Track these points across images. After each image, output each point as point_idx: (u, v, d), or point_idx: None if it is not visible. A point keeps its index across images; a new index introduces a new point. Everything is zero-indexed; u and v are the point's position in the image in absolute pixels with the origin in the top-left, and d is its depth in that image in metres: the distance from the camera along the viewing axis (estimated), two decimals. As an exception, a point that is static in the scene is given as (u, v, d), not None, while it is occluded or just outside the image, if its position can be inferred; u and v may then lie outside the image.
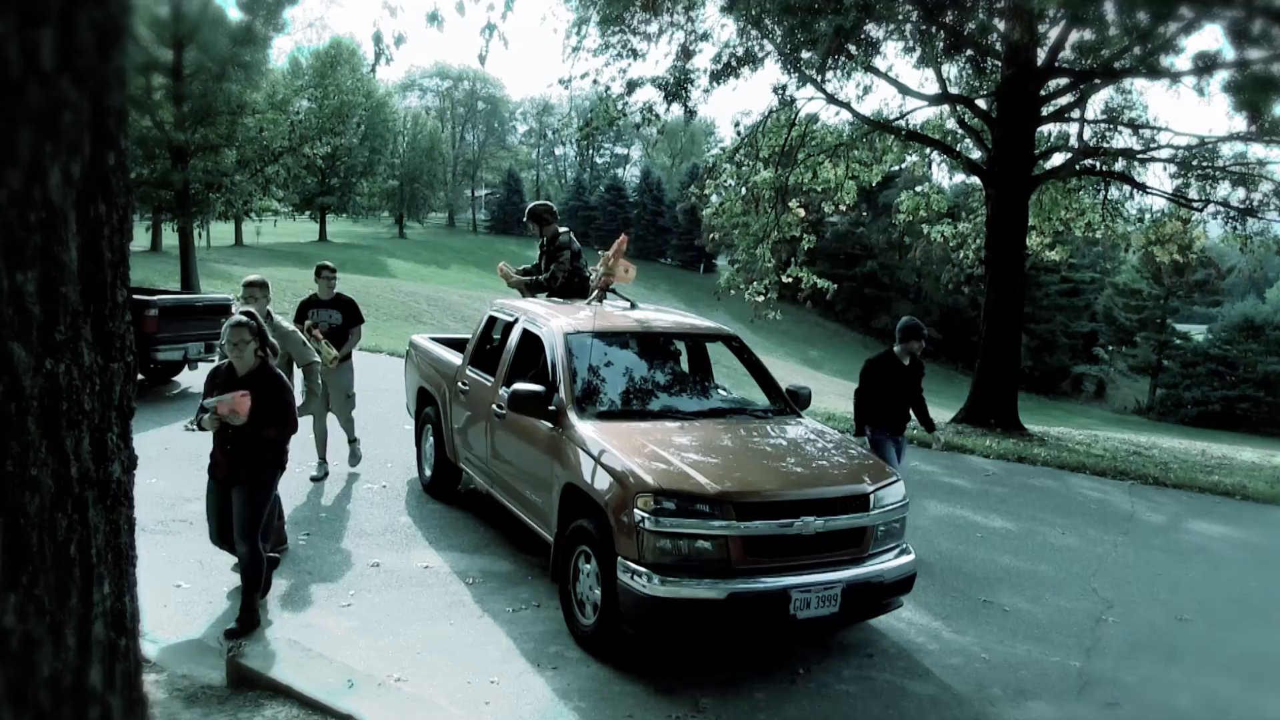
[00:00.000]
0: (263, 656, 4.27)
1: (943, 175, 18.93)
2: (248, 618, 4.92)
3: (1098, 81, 13.59)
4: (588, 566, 4.96)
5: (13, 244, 1.16)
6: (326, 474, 7.88)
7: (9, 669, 1.18)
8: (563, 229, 8.20)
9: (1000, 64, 13.85)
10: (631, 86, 14.29)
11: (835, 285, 17.54)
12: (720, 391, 6.71)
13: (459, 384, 7.10)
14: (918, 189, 18.02)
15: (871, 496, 4.97)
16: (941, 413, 20.22)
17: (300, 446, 6.20)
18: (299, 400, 5.78)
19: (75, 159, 1.25)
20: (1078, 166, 14.92)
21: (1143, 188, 15.31)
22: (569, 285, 7.91)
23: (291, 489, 7.32)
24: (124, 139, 1.37)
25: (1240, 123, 13.00)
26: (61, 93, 1.19)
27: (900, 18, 12.66)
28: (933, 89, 14.43)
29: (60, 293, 1.26)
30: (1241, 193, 14.64)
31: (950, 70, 14.55)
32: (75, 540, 1.33)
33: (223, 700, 4.05)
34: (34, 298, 1.21)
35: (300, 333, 6.77)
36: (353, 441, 8.21)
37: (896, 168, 17.85)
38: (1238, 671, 5.37)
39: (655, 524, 4.50)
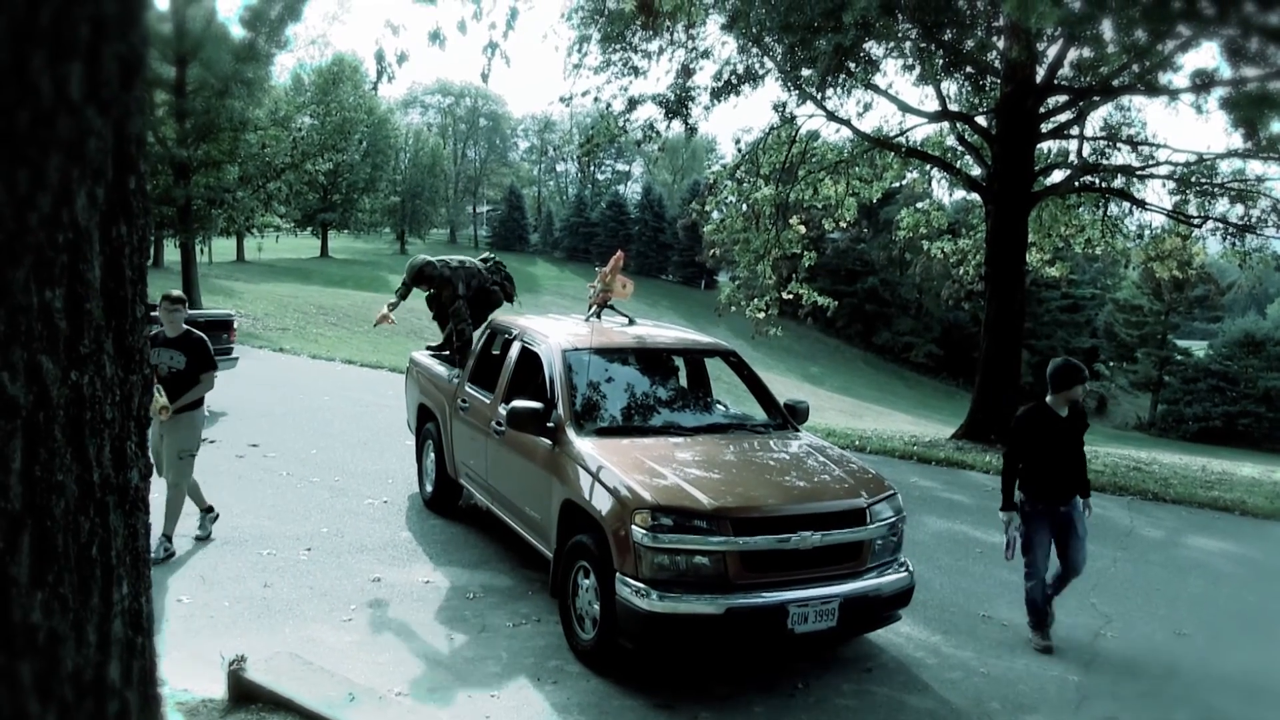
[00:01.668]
0: (264, 670, 4.29)
1: (943, 192, 19.02)
2: None
3: (1096, 99, 13.66)
4: (587, 582, 4.99)
5: (42, 263, 1.23)
6: (171, 554, 6.25)
7: (36, 662, 1.25)
8: (448, 273, 8.17)
9: (999, 81, 13.93)
10: (633, 104, 14.42)
11: (836, 302, 17.64)
12: (719, 407, 6.75)
13: (459, 400, 7.15)
14: (918, 205, 18.11)
15: (869, 511, 5.00)
16: (941, 428, 20.27)
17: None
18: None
19: (100, 183, 1.32)
20: (1077, 183, 14.99)
21: (1142, 204, 15.37)
22: (481, 303, 8.14)
23: (292, 500, 7.35)
24: (143, 162, 1.44)
25: (1238, 139, 13.07)
26: (88, 122, 1.26)
27: (900, 36, 12.77)
28: (932, 106, 14.53)
29: (85, 309, 1.33)
30: (1240, 209, 14.69)
31: (950, 88, 14.64)
32: (97, 542, 1.39)
33: (224, 714, 4.07)
34: (61, 314, 1.28)
35: None
36: (206, 511, 6.70)
37: (897, 184, 17.92)
38: (1236, 686, 5.38)
39: (653, 540, 4.54)
